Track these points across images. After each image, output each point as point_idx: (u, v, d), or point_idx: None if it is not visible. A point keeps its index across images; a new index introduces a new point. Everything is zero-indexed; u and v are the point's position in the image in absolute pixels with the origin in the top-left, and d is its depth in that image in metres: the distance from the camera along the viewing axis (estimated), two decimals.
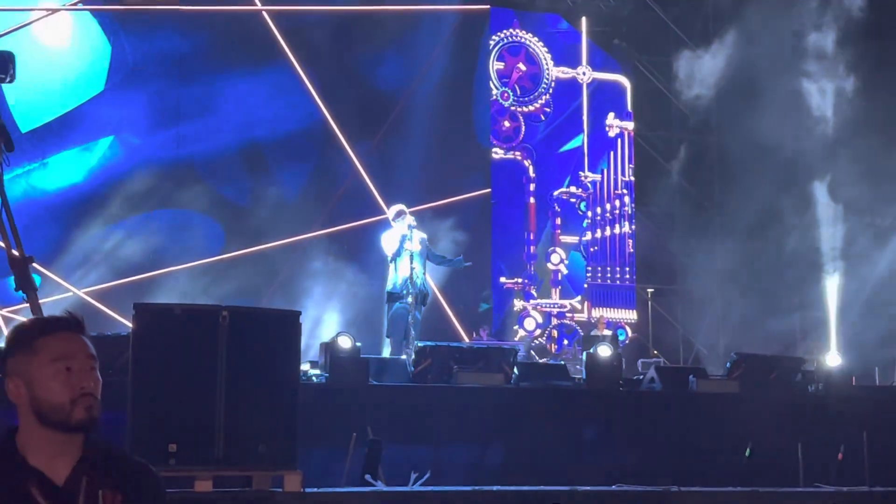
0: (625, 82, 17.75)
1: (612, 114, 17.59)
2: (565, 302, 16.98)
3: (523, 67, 17.18)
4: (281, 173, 14.76)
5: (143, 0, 13.71)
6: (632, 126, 17.67)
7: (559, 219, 17.15)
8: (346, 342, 8.91)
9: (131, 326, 6.19)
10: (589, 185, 17.33)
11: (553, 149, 17.30)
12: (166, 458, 5.70)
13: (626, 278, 17.30)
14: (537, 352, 14.79)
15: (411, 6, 15.62)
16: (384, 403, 8.69)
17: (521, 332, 16.38)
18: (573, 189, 17.29)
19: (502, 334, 16.10)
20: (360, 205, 14.68)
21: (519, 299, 16.64)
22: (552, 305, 16.88)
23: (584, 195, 17.30)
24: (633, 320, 17.09)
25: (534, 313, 16.67)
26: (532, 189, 17.06)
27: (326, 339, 9.35)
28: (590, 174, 17.35)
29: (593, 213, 17.32)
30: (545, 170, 17.16)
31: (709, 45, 16.75)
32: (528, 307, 16.67)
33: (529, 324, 16.56)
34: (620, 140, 17.61)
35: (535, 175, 17.08)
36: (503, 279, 16.57)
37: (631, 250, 17.37)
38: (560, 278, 17.02)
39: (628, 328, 16.99)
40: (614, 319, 16.86)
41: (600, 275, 17.24)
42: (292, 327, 6.22)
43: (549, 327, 16.57)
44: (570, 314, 16.93)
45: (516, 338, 16.09)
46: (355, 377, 8.75)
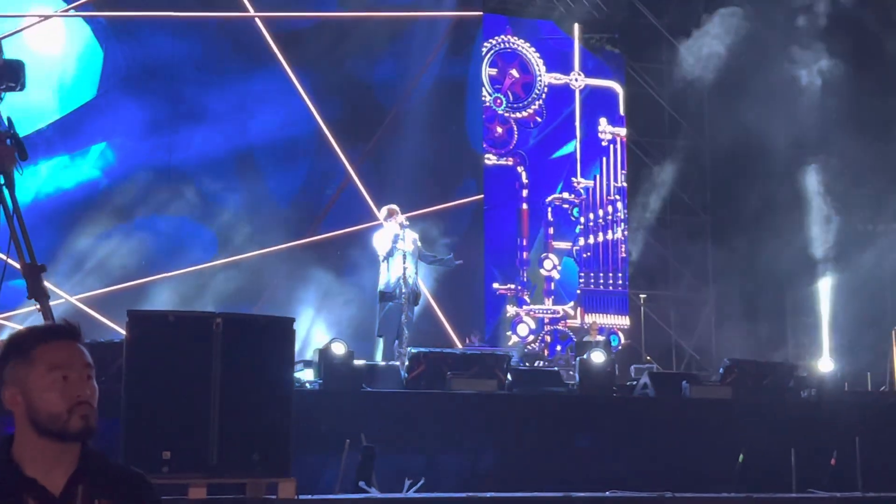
0: (617, 88, 17.78)
1: (604, 119, 17.62)
2: (558, 308, 16.99)
3: (516, 74, 17.21)
4: (274, 179, 14.75)
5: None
6: (624, 132, 17.70)
7: (552, 225, 17.16)
8: (339, 348, 8.90)
9: (125, 333, 6.18)
10: (581, 190, 17.35)
11: (546, 155, 17.31)
12: (160, 465, 5.69)
13: (619, 284, 17.31)
14: (530, 358, 14.79)
15: (404, 12, 15.64)
16: (378, 410, 8.70)
17: (514, 338, 16.39)
18: (566, 195, 17.30)
19: (495, 340, 16.09)
20: (353, 210, 14.69)
21: (512, 305, 16.65)
22: (545, 311, 16.89)
23: (576, 201, 17.32)
24: (625, 326, 17.10)
25: (527, 319, 16.67)
26: (525, 195, 17.07)
27: (320, 346, 9.34)
28: (582, 180, 17.37)
29: (586, 219, 17.33)
30: (538, 176, 17.17)
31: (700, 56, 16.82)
32: (521, 313, 16.67)
33: (522, 329, 16.56)
34: (613, 146, 17.63)
35: (527, 181, 17.09)
36: (496, 285, 16.57)
37: (623, 256, 17.39)
38: (553, 285, 17.02)
39: (621, 334, 17.00)
40: (607, 325, 16.88)
41: (593, 280, 17.25)
42: (285, 334, 6.23)
43: (542, 333, 16.58)
44: (564, 320, 16.94)
45: (509, 343, 16.09)
46: (349, 384, 8.75)
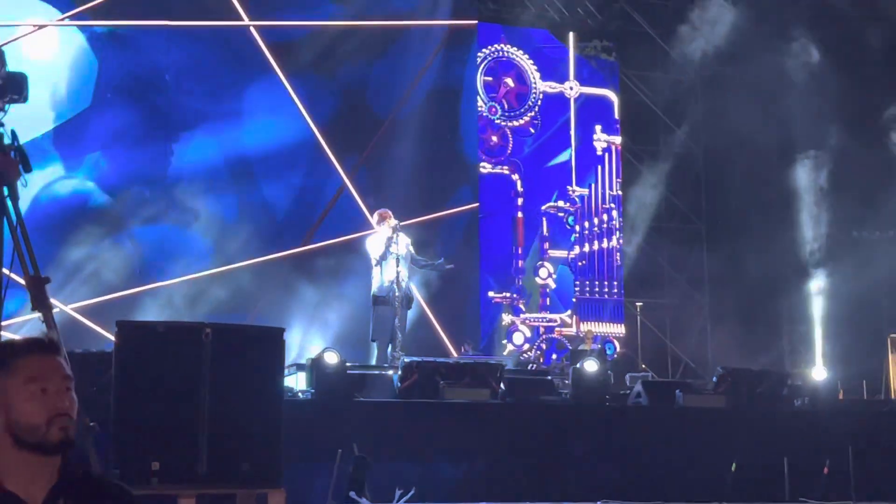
0: (612, 96, 17.81)
1: (599, 128, 17.64)
2: (554, 316, 16.98)
3: (511, 82, 17.23)
4: (268, 188, 14.73)
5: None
6: (619, 140, 17.72)
7: (547, 233, 17.17)
8: (332, 358, 8.90)
9: (114, 343, 6.18)
10: (577, 199, 17.36)
11: (541, 163, 17.33)
12: (149, 476, 5.67)
13: (615, 292, 17.32)
14: (524, 365, 14.79)
15: (399, 21, 15.66)
16: (370, 420, 8.69)
17: (509, 347, 16.38)
18: (561, 203, 17.31)
19: (491, 349, 16.09)
20: (348, 219, 14.68)
21: (507, 314, 16.64)
22: (541, 320, 16.89)
23: (571, 209, 17.33)
24: (621, 334, 17.10)
25: (522, 328, 16.67)
26: (520, 203, 17.08)
27: (314, 355, 9.33)
28: (577, 188, 17.38)
29: (581, 228, 17.34)
30: (533, 184, 17.18)
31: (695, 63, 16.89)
32: (517, 321, 16.67)
33: (518, 338, 16.55)
34: (608, 154, 17.65)
35: (522, 189, 17.10)
36: (491, 293, 16.57)
37: (619, 264, 17.40)
38: (548, 294, 17.02)
39: (617, 342, 16.99)
40: (603, 333, 16.87)
41: (588, 289, 17.26)
42: (275, 344, 6.21)
43: (538, 341, 16.58)
44: (559, 328, 16.94)
45: (505, 352, 16.09)
46: (341, 393, 8.75)
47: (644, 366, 15.37)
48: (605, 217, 17.45)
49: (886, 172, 14.88)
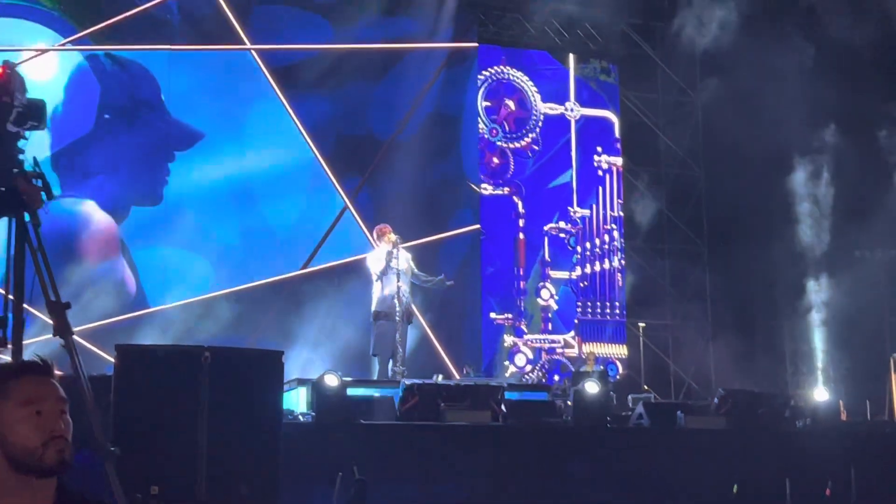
0: (612, 118, 17.84)
1: (600, 149, 17.67)
2: (557, 337, 16.96)
3: (511, 104, 17.27)
4: (270, 210, 14.76)
5: None
6: (620, 161, 17.74)
7: (548, 255, 17.16)
8: (332, 380, 8.88)
9: (113, 367, 6.18)
10: (578, 220, 17.36)
11: (542, 184, 17.34)
12: (148, 499, 5.66)
13: (617, 313, 17.30)
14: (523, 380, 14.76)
15: (400, 44, 15.71)
16: (371, 442, 8.66)
17: (511, 368, 16.35)
18: (562, 224, 17.31)
19: (493, 370, 16.05)
20: (349, 241, 14.69)
21: (509, 335, 16.62)
22: (543, 341, 16.86)
23: (573, 230, 17.33)
24: (623, 355, 17.07)
25: (524, 349, 16.64)
26: (521, 225, 17.08)
27: (315, 377, 9.31)
28: (579, 209, 17.39)
29: (583, 249, 17.33)
30: (534, 205, 17.19)
31: (695, 84, 16.93)
32: (519, 343, 16.64)
33: (520, 360, 16.52)
34: (609, 175, 17.66)
35: (524, 211, 17.11)
36: (493, 315, 16.55)
37: (621, 285, 17.38)
38: (550, 316, 17.00)
39: (619, 363, 16.96)
40: (605, 355, 16.83)
41: (590, 310, 17.23)
42: (274, 367, 6.22)
43: (540, 363, 16.53)
44: (562, 350, 16.91)
45: (507, 374, 16.05)
46: (342, 416, 8.73)
47: (646, 387, 15.32)
48: (607, 238, 17.45)
49: (889, 188, 14.91)
